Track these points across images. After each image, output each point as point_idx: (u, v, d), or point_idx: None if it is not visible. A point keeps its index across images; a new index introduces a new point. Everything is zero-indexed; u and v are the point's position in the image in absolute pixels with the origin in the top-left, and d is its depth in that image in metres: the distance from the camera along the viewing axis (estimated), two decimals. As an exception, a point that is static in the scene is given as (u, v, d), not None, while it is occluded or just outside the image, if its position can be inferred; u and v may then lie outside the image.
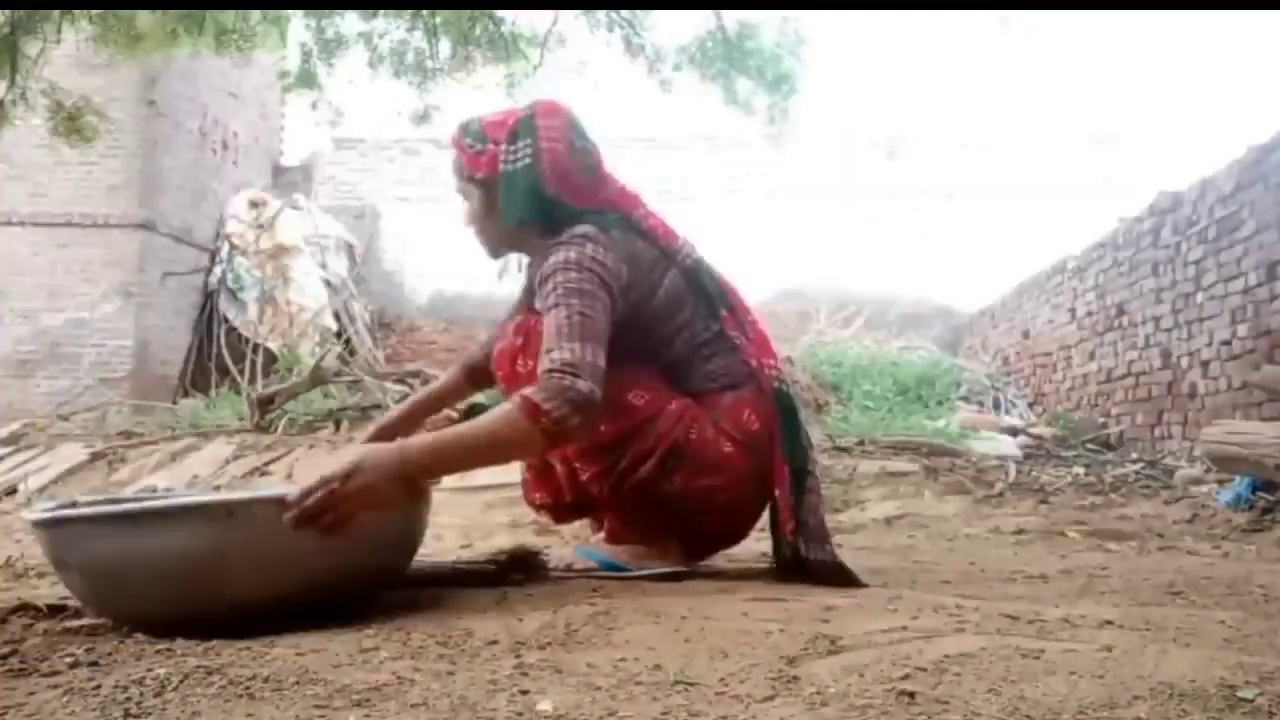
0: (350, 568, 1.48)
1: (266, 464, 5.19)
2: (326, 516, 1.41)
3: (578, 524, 3.23)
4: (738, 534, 2.00)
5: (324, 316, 10.78)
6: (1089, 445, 6.11)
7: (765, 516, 2.00)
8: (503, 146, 1.86)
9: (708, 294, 1.91)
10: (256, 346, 10.21)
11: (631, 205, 1.91)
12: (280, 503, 1.42)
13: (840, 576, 1.80)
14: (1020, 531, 3.20)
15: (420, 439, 1.58)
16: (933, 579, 1.97)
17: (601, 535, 2.01)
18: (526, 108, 1.92)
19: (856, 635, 1.27)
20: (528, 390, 1.57)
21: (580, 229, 1.78)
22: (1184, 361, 5.53)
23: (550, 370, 1.58)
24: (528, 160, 1.84)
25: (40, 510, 1.56)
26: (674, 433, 1.79)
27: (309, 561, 1.42)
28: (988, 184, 12.24)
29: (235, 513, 1.41)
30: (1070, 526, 3.31)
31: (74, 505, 1.58)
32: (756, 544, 2.61)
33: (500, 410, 1.58)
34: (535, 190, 1.83)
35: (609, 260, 1.75)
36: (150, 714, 0.99)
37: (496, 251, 1.99)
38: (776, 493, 1.86)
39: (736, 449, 1.83)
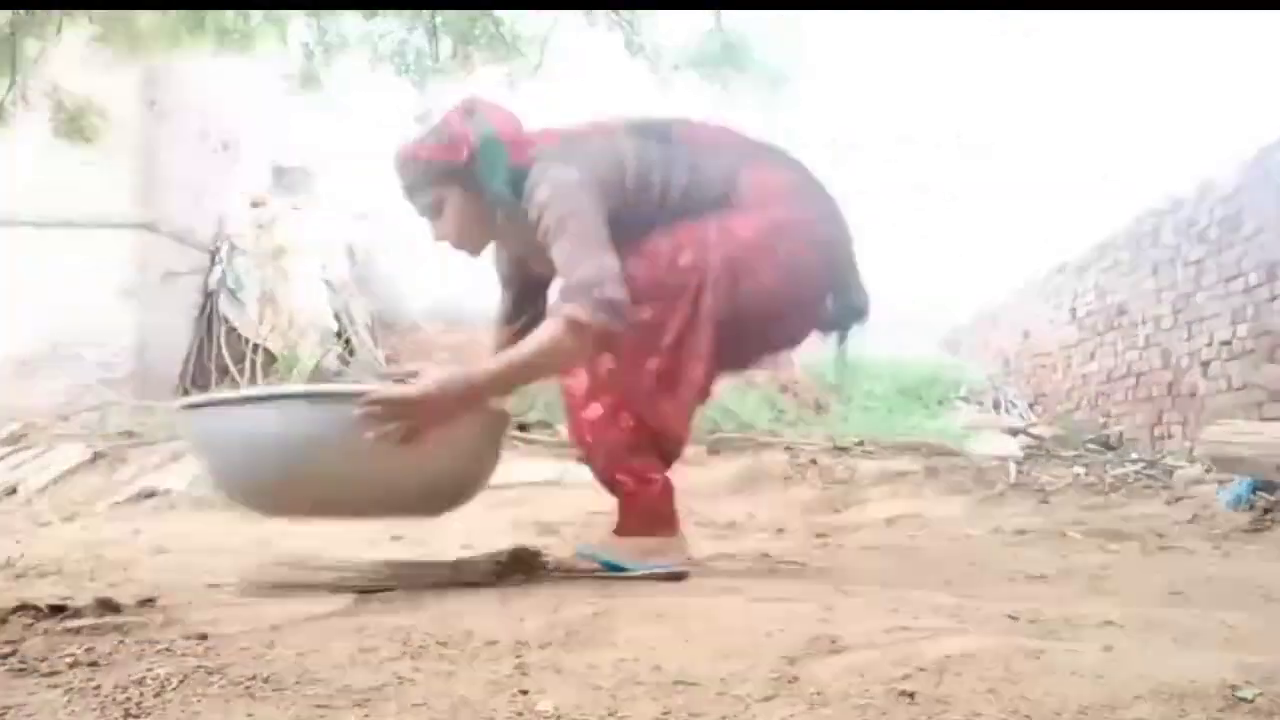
0: (445, 468, 1.73)
1: (267, 464, 5.18)
2: (398, 426, 1.62)
3: (578, 523, 3.25)
4: (819, 301, 2.08)
5: (324, 317, 10.78)
6: (1089, 445, 6.10)
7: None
8: (467, 128, 1.94)
9: (655, 130, 2.02)
10: (256, 346, 10.21)
11: (552, 136, 2.00)
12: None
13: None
14: (1020, 531, 3.20)
15: (484, 364, 1.79)
16: (933, 579, 1.97)
17: (607, 533, 2.02)
18: (453, 107, 2.03)
19: (856, 635, 1.27)
20: (567, 309, 1.74)
21: (535, 172, 1.88)
22: (1184, 361, 5.52)
23: (579, 286, 1.75)
24: (491, 129, 1.94)
25: (189, 400, 1.93)
26: (722, 252, 1.89)
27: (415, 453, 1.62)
28: (988, 184, 12.23)
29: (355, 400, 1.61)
30: (1070, 526, 3.30)
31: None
32: (757, 544, 2.61)
33: (547, 330, 1.76)
34: (504, 157, 1.93)
35: (573, 174, 1.86)
36: (150, 714, 0.99)
37: (481, 244, 2.07)
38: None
39: (770, 220, 1.93)
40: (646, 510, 1.94)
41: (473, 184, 1.93)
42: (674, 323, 1.89)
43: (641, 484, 1.94)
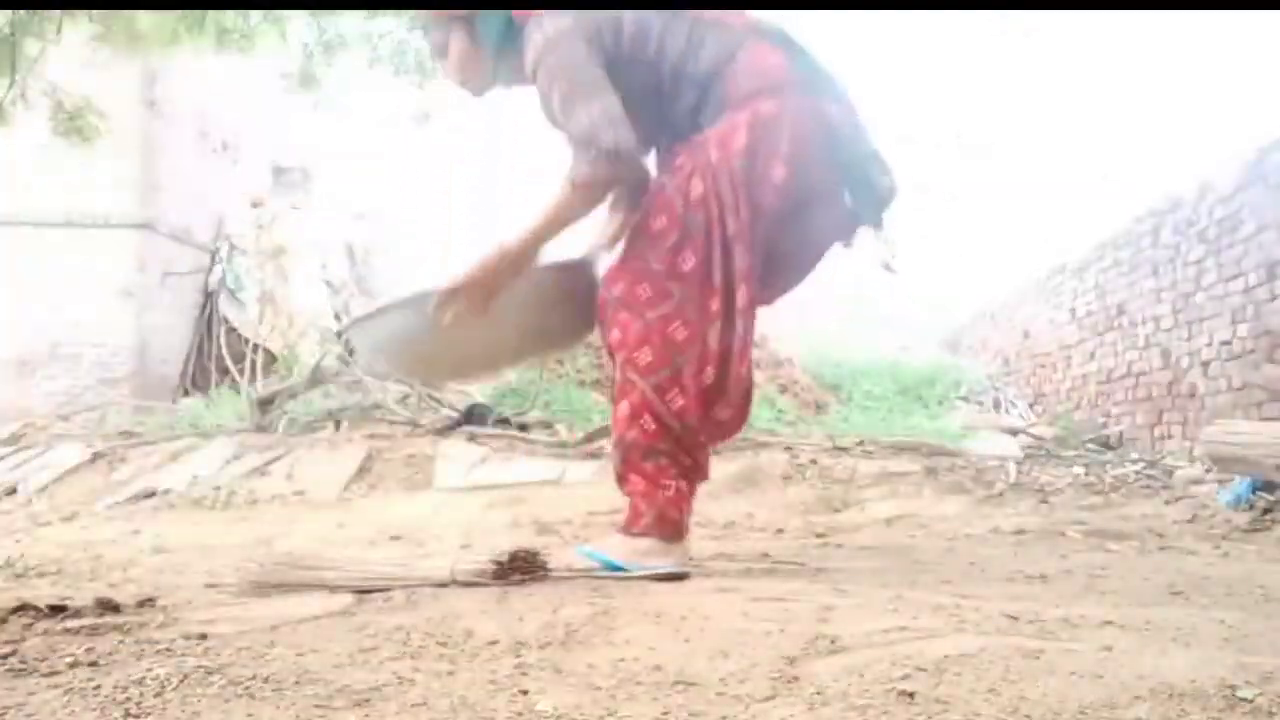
0: (522, 320, 2.10)
1: (267, 464, 5.19)
2: (461, 306, 1.95)
3: (578, 523, 3.24)
4: (835, 190, 2.14)
5: (324, 317, 10.78)
6: (1089, 445, 6.10)
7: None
8: None
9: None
10: (256, 346, 10.21)
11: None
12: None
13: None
14: (1020, 531, 3.19)
15: (515, 233, 1.99)
16: (933, 579, 1.97)
17: (611, 533, 2.03)
18: None
19: (856, 635, 1.27)
20: (571, 171, 1.92)
21: (532, 22, 1.99)
22: (1184, 361, 5.53)
23: (579, 143, 1.91)
24: None
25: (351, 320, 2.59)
26: (728, 168, 1.94)
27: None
28: (988, 184, 12.24)
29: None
30: (1070, 526, 3.30)
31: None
32: (756, 544, 2.61)
33: (559, 193, 1.96)
34: (505, 12, 2.05)
35: (567, 20, 1.96)
36: (150, 714, 0.99)
37: (481, 85, 2.20)
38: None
39: (759, 116, 1.96)
40: (654, 513, 1.94)
41: (472, 29, 2.09)
42: (715, 258, 1.96)
43: (653, 487, 1.95)
